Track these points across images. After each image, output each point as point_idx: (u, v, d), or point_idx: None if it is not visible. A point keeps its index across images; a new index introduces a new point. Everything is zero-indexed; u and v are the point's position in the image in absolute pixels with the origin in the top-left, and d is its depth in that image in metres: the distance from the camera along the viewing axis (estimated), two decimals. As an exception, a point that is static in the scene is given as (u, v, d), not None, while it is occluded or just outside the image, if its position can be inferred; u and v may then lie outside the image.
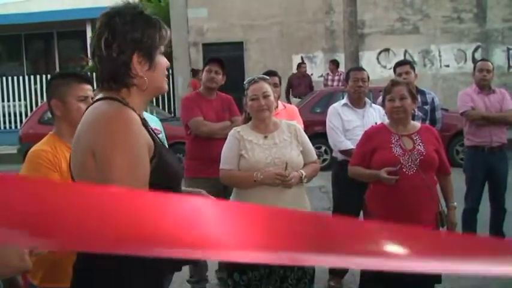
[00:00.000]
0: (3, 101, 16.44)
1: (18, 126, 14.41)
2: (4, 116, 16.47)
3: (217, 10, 15.54)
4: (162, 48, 1.94)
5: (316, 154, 12.13)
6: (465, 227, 5.72)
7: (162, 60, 1.94)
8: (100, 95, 1.91)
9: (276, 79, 4.88)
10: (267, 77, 3.84)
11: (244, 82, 3.72)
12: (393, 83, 3.79)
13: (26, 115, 14.42)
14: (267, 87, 3.60)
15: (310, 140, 3.74)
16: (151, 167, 1.81)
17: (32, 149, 2.49)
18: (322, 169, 5.73)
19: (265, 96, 3.54)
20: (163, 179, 1.84)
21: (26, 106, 15.97)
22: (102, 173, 1.75)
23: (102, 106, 1.83)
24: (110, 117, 1.78)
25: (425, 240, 0.97)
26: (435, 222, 3.70)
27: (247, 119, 3.70)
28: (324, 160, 10.38)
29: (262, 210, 0.83)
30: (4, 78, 16.47)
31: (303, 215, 0.92)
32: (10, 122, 16.39)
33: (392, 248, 0.91)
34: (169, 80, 8.68)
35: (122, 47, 1.84)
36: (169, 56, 12.98)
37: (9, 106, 16.38)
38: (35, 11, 19.57)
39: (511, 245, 1.07)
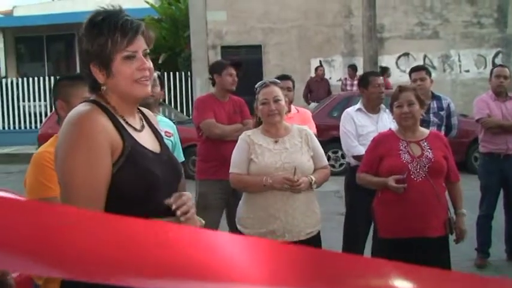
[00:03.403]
0: (23, 100, 16.65)
1: (39, 126, 14.58)
2: (25, 115, 16.70)
3: (236, 13, 15.57)
4: (127, 52, 1.88)
5: (333, 159, 11.96)
6: (480, 234, 5.67)
7: (126, 66, 1.89)
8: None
9: (290, 83, 4.88)
10: (278, 81, 3.83)
11: (255, 86, 3.72)
12: (401, 89, 3.77)
13: (46, 115, 14.58)
14: (278, 92, 3.59)
15: (327, 144, 3.73)
16: (117, 167, 1.84)
17: (37, 151, 2.52)
18: (339, 174, 5.72)
19: (276, 101, 3.54)
20: (132, 180, 1.85)
21: (46, 106, 16.16)
22: (60, 170, 1.83)
23: (75, 108, 1.90)
24: (71, 119, 1.83)
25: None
26: (444, 230, 3.67)
27: (258, 123, 3.69)
28: (341, 165, 10.32)
29: (265, 243, 0.86)
30: (25, 79, 16.71)
31: (306, 251, 0.93)
32: (30, 122, 16.60)
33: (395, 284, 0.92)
34: (187, 82, 8.78)
35: (81, 59, 1.94)
36: (187, 58, 12.94)
37: (29, 106, 16.60)
38: (57, 12, 19.80)
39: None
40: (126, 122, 1.93)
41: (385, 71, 13.63)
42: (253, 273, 0.80)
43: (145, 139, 1.99)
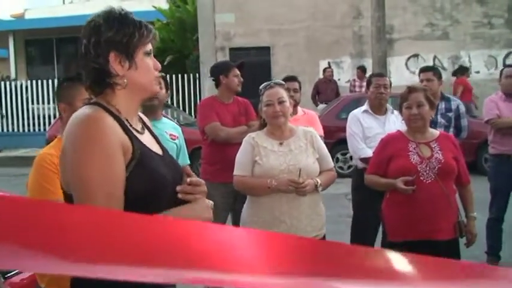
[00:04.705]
0: (33, 103, 16.75)
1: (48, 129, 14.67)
2: (34, 118, 16.79)
3: (244, 15, 15.56)
4: (148, 48, 1.90)
5: (342, 160, 11.86)
6: (489, 237, 5.60)
7: (148, 61, 1.90)
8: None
9: (296, 84, 4.84)
10: (283, 83, 3.79)
11: (260, 87, 3.68)
12: (410, 90, 3.70)
13: (55, 117, 14.66)
14: (283, 93, 3.55)
15: (335, 146, 3.70)
16: (129, 169, 1.80)
17: (39, 153, 2.53)
18: (348, 176, 5.68)
19: (281, 102, 3.49)
20: (144, 183, 1.82)
21: (55, 109, 16.24)
22: (75, 171, 1.76)
23: (79, 111, 1.84)
24: (79, 120, 1.78)
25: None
26: (454, 233, 3.61)
27: (263, 125, 3.65)
28: (350, 167, 10.24)
29: (273, 236, 0.88)
30: (34, 82, 16.80)
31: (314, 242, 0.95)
32: (39, 125, 16.69)
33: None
34: (195, 84, 8.89)
35: (97, 49, 1.84)
36: (196, 60, 13.05)
37: (38, 109, 16.69)
38: (66, 15, 19.94)
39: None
40: (130, 125, 1.91)
41: (465, 71, 13.48)
42: (256, 264, 0.82)
43: (148, 141, 1.98)
